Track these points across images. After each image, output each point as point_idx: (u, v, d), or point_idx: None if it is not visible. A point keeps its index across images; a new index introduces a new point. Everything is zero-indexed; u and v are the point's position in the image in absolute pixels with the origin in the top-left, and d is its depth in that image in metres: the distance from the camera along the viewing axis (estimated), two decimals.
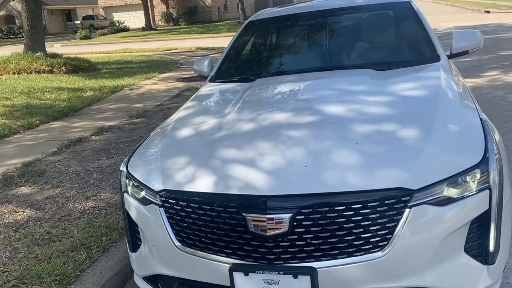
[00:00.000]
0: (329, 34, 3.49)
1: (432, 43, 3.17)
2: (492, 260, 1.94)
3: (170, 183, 2.12)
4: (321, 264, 1.84)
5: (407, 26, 3.42)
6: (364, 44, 3.41)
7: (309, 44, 3.56)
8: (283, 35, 3.80)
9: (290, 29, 3.78)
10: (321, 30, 3.57)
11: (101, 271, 2.79)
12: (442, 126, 2.11)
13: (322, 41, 3.47)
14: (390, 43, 3.40)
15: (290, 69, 3.30)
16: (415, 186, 1.81)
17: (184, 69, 11.67)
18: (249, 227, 1.88)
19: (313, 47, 3.50)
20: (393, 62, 3.07)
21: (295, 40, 3.66)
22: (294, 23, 3.79)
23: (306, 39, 3.60)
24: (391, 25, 3.54)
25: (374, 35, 3.49)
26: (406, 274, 1.83)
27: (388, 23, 3.56)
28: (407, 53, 3.24)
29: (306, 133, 2.17)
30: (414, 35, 3.31)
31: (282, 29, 3.81)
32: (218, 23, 35.37)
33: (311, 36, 3.59)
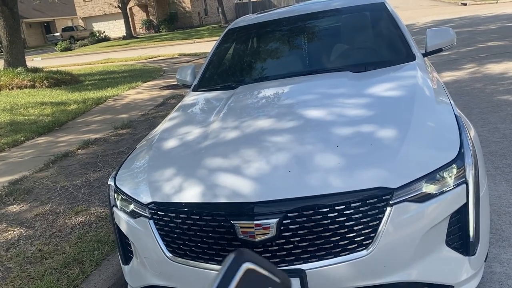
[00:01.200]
0: (306, 39, 3.57)
1: (407, 43, 3.26)
2: (473, 251, 2.02)
3: (158, 195, 2.16)
4: (309, 265, 1.90)
5: (382, 27, 3.51)
6: (341, 47, 3.49)
7: (288, 49, 3.63)
8: (263, 42, 3.86)
9: (269, 35, 3.85)
10: (298, 35, 3.64)
11: (95, 286, 2.82)
12: (418, 125, 2.19)
13: (301, 45, 3.54)
14: (366, 44, 3.49)
15: (271, 75, 3.36)
16: (395, 185, 1.88)
17: (168, 77, 11.68)
18: (237, 234, 1.93)
19: (292, 52, 3.57)
20: (370, 63, 3.15)
21: (275, 46, 3.73)
22: (272, 29, 3.86)
23: (284, 45, 3.67)
24: (367, 27, 3.63)
25: (351, 37, 3.57)
26: (391, 270, 1.90)
27: (364, 25, 3.65)
28: (383, 54, 3.32)
29: (288, 138, 2.23)
30: (389, 36, 3.39)
31: (261, 35, 3.87)
32: (199, 28, 35.36)
33: (289, 41, 3.66)
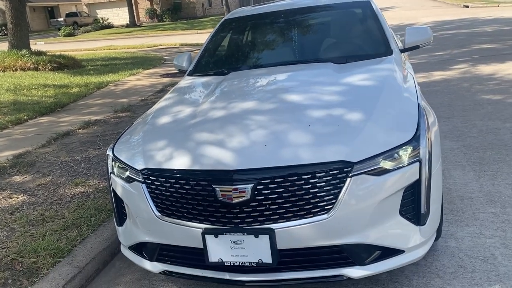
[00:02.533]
0: (295, 32, 3.85)
1: (386, 39, 3.55)
2: (424, 221, 2.32)
3: (151, 162, 2.46)
4: (278, 225, 2.20)
5: (365, 24, 3.80)
6: (327, 40, 3.77)
7: (277, 40, 3.92)
8: (255, 32, 4.14)
9: (261, 26, 4.13)
10: (288, 27, 3.92)
11: (91, 246, 3.12)
12: (382, 110, 2.48)
13: (290, 37, 3.82)
14: (350, 39, 3.77)
15: (260, 63, 3.65)
16: (355, 159, 2.17)
17: (168, 65, 11.94)
18: (218, 197, 2.22)
19: (281, 43, 3.86)
20: (351, 56, 3.44)
21: (266, 37, 4.01)
22: (265, 21, 4.14)
23: (275, 36, 3.96)
24: (351, 23, 3.91)
25: (336, 32, 3.86)
26: (349, 233, 2.20)
27: (349, 21, 3.93)
28: (364, 48, 3.61)
29: (268, 117, 2.52)
30: (371, 32, 3.68)
31: (254, 26, 4.16)
32: (202, 19, 35.53)
33: (279, 33, 3.95)
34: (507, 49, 9.95)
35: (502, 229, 2.95)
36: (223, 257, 2.28)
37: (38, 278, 2.76)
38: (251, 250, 2.23)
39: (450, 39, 12.58)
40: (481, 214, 3.16)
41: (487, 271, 2.56)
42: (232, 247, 2.26)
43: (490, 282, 2.47)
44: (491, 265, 2.61)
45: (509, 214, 3.12)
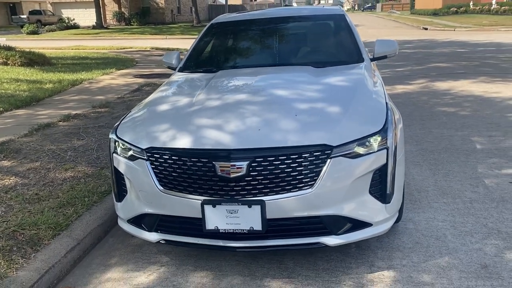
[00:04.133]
0: (278, 38, 4.28)
1: (359, 48, 4.02)
2: (389, 200, 2.75)
3: (156, 142, 2.77)
4: (268, 198, 2.57)
5: (340, 34, 4.27)
6: (306, 47, 4.22)
7: (262, 44, 4.33)
8: (241, 36, 4.54)
9: (247, 31, 4.54)
10: (272, 34, 4.35)
11: (87, 223, 3.37)
12: (356, 106, 2.91)
13: (273, 42, 4.25)
14: (326, 47, 4.24)
15: (247, 64, 4.04)
16: (335, 143, 2.58)
17: (141, 67, 12.13)
18: (217, 172, 2.57)
19: (266, 47, 4.27)
20: (328, 61, 3.89)
21: (251, 41, 4.42)
22: (250, 27, 4.55)
23: (260, 40, 4.37)
24: (328, 33, 4.38)
25: (314, 40, 4.32)
26: (327, 206, 2.59)
27: (325, 31, 4.40)
28: (338, 56, 4.07)
29: (260, 108, 2.91)
30: (345, 42, 4.15)
31: (240, 31, 4.55)
32: (171, 25, 35.66)
33: (264, 38, 4.36)
34: (460, 69, 10.81)
35: (452, 215, 3.44)
36: (219, 225, 2.62)
37: (40, 247, 2.99)
38: (244, 219, 2.59)
39: (411, 57, 13.45)
40: (435, 203, 3.65)
41: (439, 246, 3.03)
42: (228, 216, 2.60)
43: (441, 255, 2.92)
44: (442, 242, 3.08)
45: (458, 204, 3.62)
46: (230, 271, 2.90)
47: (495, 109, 6.69)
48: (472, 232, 3.18)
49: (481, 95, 7.78)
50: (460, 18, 35.39)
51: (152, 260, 3.09)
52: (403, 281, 2.68)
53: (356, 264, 2.89)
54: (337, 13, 4.47)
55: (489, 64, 11.53)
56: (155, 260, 3.09)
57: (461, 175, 4.22)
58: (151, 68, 12.00)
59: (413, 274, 2.74)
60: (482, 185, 3.96)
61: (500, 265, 2.78)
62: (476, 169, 4.35)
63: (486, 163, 4.49)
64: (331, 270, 2.84)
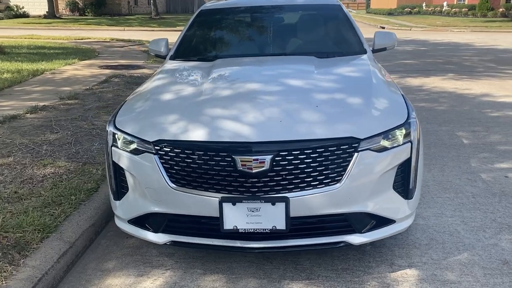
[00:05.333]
0: (276, 26, 4.09)
1: (360, 40, 3.91)
2: (411, 195, 2.64)
3: (165, 134, 2.52)
4: (293, 194, 2.38)
5: (339, 25, 4.13)
6: (305, 37, 4.06)
7: (259, 33, 4.12)
8: (236, 24, 4.31)
9: (242, 19, 4.31)
10: (268, 22, 4.15)
11: (77, 223, 3.05)
12: (376, 97, 2.78)
13: (271, 31, 4.05)
14: (327, 37, 4.09)
15: (245, 53, 3.82)
16: (362, 136, 2.43)
17: (105, 58, 11.56)
18: (237, 167, 2.35)
19: (263, 36, 4.06)
20: (330, 52, 3.75)
21: (247, 29, 4.20)
22: (245, 15, 4.33)
23: (256, 29, 4.16)
24: (327, 23, 4.23)
25: (313, 30, 4.16)
26: (354, 202, 2.44)
27: (324, 21, 4.25)
28: (340, 46, 3.94)
29: (277, 97, 2.71)
30: (345, 32, 4.02)
31: (234, 19, 4.32)
32: (128, 17, 34.52)
33: (260, 27, 4.16)
34: (428, 66, 11.04)
35: (459, 210, 3.39)
36: (238, 225, 2.41)
37: (29, 252, 2.66)
38: (266, 217, 2.39)
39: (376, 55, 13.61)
40: (439, 198, 3.60)
41: (455, 242, 2.96)
42: (248, 214, 2.40)
43: (459, 251, 2.85)
44: (456, 238, 3.01)
45: (462, 198, 3.59)
46: (243, 273, 2.70)
47: (471, 105, 6.82)
48: (483, 227, 3.14)
49: (454, 91, 7.93)
50: (415, 18, 36.50)
51: (154, 264, 2.83)
52: (428, 279, 2.57)
53: (375, 263, 2.76)
54: (334, 3, 4.34)
55: (453, 62, 11.85)
56: (158, 263, 2.83)
57: (457, 169, 4.20)
58: (116, 59, 11.46)
59: (436, 272, 2.64)
60: (480, 179, 3.96)
61: None
62: (469, 163, 4.36)
63: (477, 158, 4.51)
64: (351, 270, 2.70)
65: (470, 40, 18.61)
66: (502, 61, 12.00)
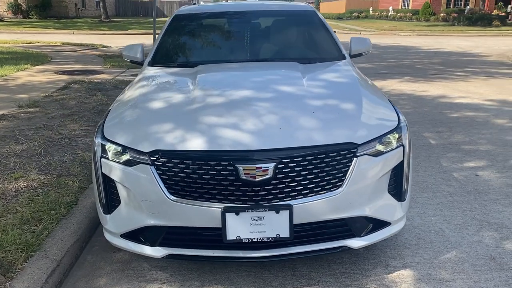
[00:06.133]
0: (255, 32, 4.09)
1: (338, 45, 3.97)
2: (404, 198, 2.70)
3: (162, 144, 2.44)
4: (296, 201, 2.38)
5: (317, 31, 4.18)
6: (285, 43, 4.08)
7: (239, 39, 4.10)
8: (215, 30, 4.26)
9: (220, 25, 4.27)
10: (247, 28, 4.14)
11: (62, 240, 2.90)
12: (367, 102, 2.84)
13: (250, 37, 4.03)
14: (306, 43, 4.13)
15: (227, 59, 3.78)
16: (360, 142, 2.47)
17: (59, 63, 11.10)
18: (240, 176, 2.32)
19: (243, 41, 4.04)
20: (311, 58, 3.79)
21: (226, 34, 4.16)
22: (222, 20, 4.29)
23: (235, 35, 4.13)
24: (304, 29, 4.27)
25: (292, 36, 4.20)
26: (353, 207, 2.47)
27: (302, 27, 4.29)
28: (320, 52, 3.99)
29: (272, 104, 2.70)
30: (324, 38, 4.08)
31: (212, 24, 4.27)
32: (76, 20, 33.37)
33: (239, 32, 4.13)
34: (383, 69, 11.43)
35: (440, 209, 3.52)
36: (241, 235, 2.37)
37: (15, 273, 2.49)
38: (270, 226, 2.37)
39: None
40: (419, 198, 3.72)
41: (442, 241, 3.07)
42: (252, 223, 2.37)
43: (448, 249, 2.96)
44: (442, 237, 3.12)
45: (440, 198, 3.73)
46: (243, 283, 2.66)
47: (431, 106, 7.12)
48: (465, 225, 3.27)
49: (412, 93, 8.25)
50: (363, 22, 37.69)
51: (148, 278, 2.73)
52: (424, 279, 2.65)
53: (371, 265, 2.81)
54: (309, 9, 4.39)
55: (406, 65, 12.33)
56: (151, 277, 2.74)
57: (430, 170, 4.37)
58: (70, 64, 11.03)
59: (430, 271, 2.73)
60: (453, 178, 4.13)
61: (505, 256, 2.88)
62: (440, 163, 4.54)
63: (446, 157, 4.70)
64: (348, 273, 2.73)
65: (417, 44, 19.47)
66: (450, 63, 12.63)
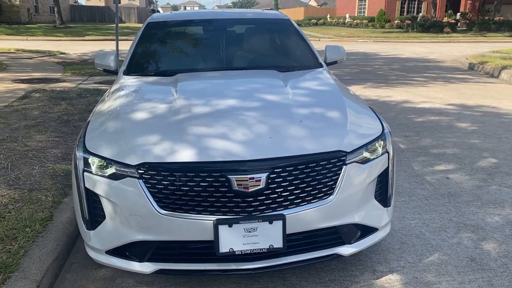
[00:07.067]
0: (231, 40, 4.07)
1: (314, 54, 4.02)
2: (389, 203, 2.76)
3: (150, 156, 2.37)
4: (289, 211, 2.37)
5: (293, 39, 4.21)
6: (262, 51, 4.09)
7: (215, 47, 4.06)
8: (191, 38, 4.21)
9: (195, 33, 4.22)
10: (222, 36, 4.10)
11: (40, 258, 2.75)
12: (351, 111, 2.87)
13: (227, 45, 4.01)
14: (283, 51, 4.16)
15: (204, 67, 3.74)
16: (349, 149, 2.50)
17: (15, 71, 10.64)
18: (233, 187, 2.29)
19: (220, 50, 4.01)
20: (289, 66, 3.81)
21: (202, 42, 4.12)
22: (197, 28, 4.24)
23: (212, 43, 4.10)
24: (280, 37, 4.30)
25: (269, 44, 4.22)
26: (344, 214, 2.50)
27: (278, 36, 4.31)
28: (297, 60, 4.02)
29: (259, 113, 2.69)
30: (300, 46, 4.11)
31: (188, 32, 4.21)
32: (29, 26, 32.15)
33: (215, 40, 4.10)
34: (346, 75, 11.67)
35: (418, 213, 3.61)
36: (234, 247, 2.34)
37: None
38: (263, 237, 2.35)
39: None
40: (397, 202, 3.80)
41: (424, 244, 3.14)
42: (245, 235, 2.34)
43: (430, 252, 3.04)
44: (423, 240, 3.20)
45: (416, 201, 3.83)
46: None
47: (396, 112, 7.32)
48: (444, 228, 3.37)
49: (377, 99, 8.47)
50: (321, 29, 38.45)
51: None
52: (412, 283, 2.70)
53: (358, 271, 2.84)
54: (284, 17, 4.42)
55: (367, 71, 12.66)
56: None
57: (403, 174, 4.48)
58: (28, 72, 10.60)
59: (416, 274, 2.79)
60: (426, 182, 4.26)
61: (484, 256, 2.98)
62: (412, 167, 4.67)
63: (417, 161, 4.85)
64: (338, 281, 2.74)
65: (375, 50, 20.04)
66: (409, 69, 13.07)
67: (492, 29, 32.40)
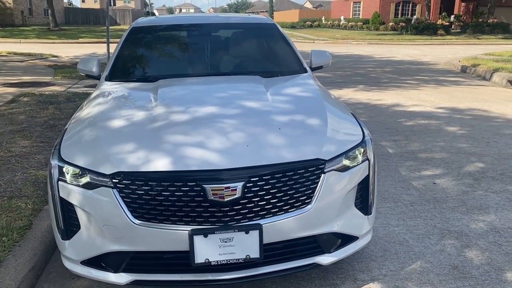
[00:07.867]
0: (215, 45, 4.03)
1: (299, 59, 3.99)
2: (370, 211, 2.72)
3: (124, 165, 2.33)
4: (265, 221, 2.34)
5: (278, 44, 4.18)
6: (246, 56, 4.05)
7: (199, 52, 4.02)
8: (174, 43, 4.17)
9: (179, 37, 4.18)
10: (207, 41, 4.08)
11: (15, 269, 2.71)
12: (332, 117, 2.84)
13: (210, 50, 3.97)
14: (267, 56, 4.13)
15: (188, 73, 3.71)
16: (327, 158, 2.47)
17: (5, 74, 10.57)
18: (208, 196, 2.25)
19: (203, 55, 3.97)
20: (273, 71, 3.78)
21: (186, 48, 4.08)
22: (182, 33, 4.20)
23: (195, 48, 4.06)
24: (265, 42, 4.27)
25: (253, 49, 4.18)
26: (323, 223, 2.46)
27: (263, 40, 4.28)
28: (281, 65, 3.98)
29: (237, 121, 2.65)
30: (284, 52, 4.08)
31: (171, 37, 4.17)
32: (23, 28, 32.04)
33: (199, 45, 4.07)
34: (338, 78, 11.66)
35: (402, 219, 3.59)
36: (210, 257, 2.30)
37: None
38: (239, 247, 2.31)
39: None
40: (381, 208, 3.78)
41: (406, 251, 3.11)
42: (221, 245, 2.30)
43: (412, 260, 3.01)
44: (406, 247, 3.17)
45: (401, 207, 3.80)
46: None
47: (386, 115, 7.31)
48: (427, 234, 3.35)
49: (368, 102, 8.46)
50: (316, 31, 38.54)
51: None
52: None
53: (339, 280, 2.81)
54: (270, 22, 4.39)
55: (360, 74, 12.66)
56: None
57: (390, 179, 4.46)
58: (18, 75, 10.52)
59: (398, 283, 2.76)
60: (412, 187, 4.24)
61: (466, 264, 2.95)
62: (399, 172, 4.65)
63: (405, 166, 4.82)
64: None
65: (369, 52, 20.08)
66: (401, 72, 13.09)
67: (485, 32, 32.56)
